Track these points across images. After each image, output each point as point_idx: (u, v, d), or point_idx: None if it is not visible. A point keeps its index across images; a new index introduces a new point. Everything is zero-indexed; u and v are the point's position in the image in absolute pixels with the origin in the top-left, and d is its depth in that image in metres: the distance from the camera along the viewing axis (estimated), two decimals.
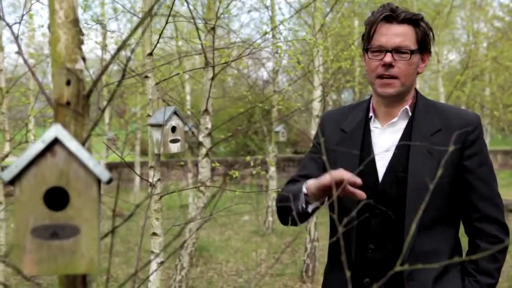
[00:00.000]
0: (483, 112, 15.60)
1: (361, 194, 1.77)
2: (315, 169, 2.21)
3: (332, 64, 6.76)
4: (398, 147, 2.05)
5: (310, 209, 1.98)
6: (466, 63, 11.10)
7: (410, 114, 2.08)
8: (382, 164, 2.06)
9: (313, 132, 6.94)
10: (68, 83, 0.99)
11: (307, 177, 2.17)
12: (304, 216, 2.02)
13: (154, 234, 2.97)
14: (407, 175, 1.99)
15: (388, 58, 1.97)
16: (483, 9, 13.76)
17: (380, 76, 2.01)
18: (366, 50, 2.07)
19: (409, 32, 2.00)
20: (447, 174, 1.98)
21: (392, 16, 1.99)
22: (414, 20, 2.01)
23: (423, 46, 2.05)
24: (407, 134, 2.05)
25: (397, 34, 1.99)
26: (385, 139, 2.09)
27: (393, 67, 1.99)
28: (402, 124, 2.08)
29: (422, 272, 1.97)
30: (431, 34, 2.08)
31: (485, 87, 14.04)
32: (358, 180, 1.76)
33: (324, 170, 2.15)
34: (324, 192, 1.87)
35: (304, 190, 1.96)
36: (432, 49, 2.15)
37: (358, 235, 2.05)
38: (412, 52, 1.99)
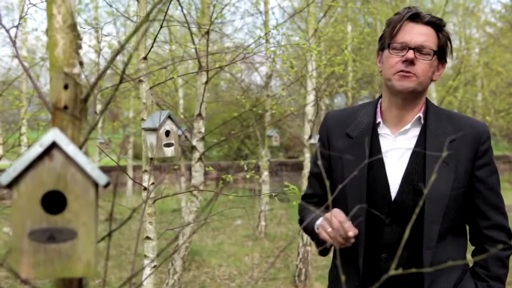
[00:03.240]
0: (475, 117, 15.66)
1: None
2: (319, 188, 2.26)
3: (325, 69, 6.78)
4: (413, 156, 2.03)
5: (328, 245, 2.02)
6: (459, 68, 11.15)
7: (422, 122, 2.06)
8: (394, 173, 2.03)
9: (306, 136, 6.96)
10: (65, 87, 0.99)
11: (315, 196, 2.29)
12: (328, 251, 2.13)
13: (148, 238, 2.96)
14: (425, 184, 1.98)
15: (410, 54, 1.96)
16: (475, 15, 13.86)
17: (400, 72, 1.99)
18: (388, 45, 2.03)
19: (432, 34, 2.00)
20: (462, 185, 2.00)
21: (418, 15, 2.00)
22: (438, 25, 2.01)
23: (442, 53, 2.05)
24: (421, 143, 2.04)
25: (422, 34, 1.99)
26: (397, 146, 2.06)
27: (414, 65, 1.97)
28: (415, 132, 2.07)
29: (441, 282, 2.00)
30: (448, 42, 2.07)
31: (477, 92, 14.12)
32: (352, 233, 1.83)
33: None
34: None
35: (317, 230, 2.03)
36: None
37: (368, 244, 2.04)
38: (435, 52, 1.99)
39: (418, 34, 1.98)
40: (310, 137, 6.83)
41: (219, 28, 8.01)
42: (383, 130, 2.10)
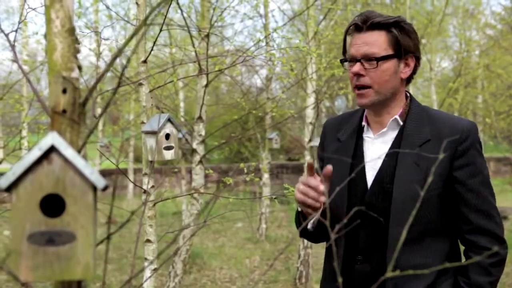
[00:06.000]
0: (475, 119, 15.68)
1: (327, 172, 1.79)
2: None
3: (325, 72, 6.79)
4: (386, 158, 2.00)
5: (309, 226, 2.06)
6: (459, 70, 11.17)
7: (401, 123, 2.02)
8: (371, 175, 2.02)
9: (306, 139, 6.97)
10: (64, 91, 1.00)
11: None
12: (311, 235, 2.14)
13: (148, 241, 2.97)
14: (393, 186, 1.94)
15: (355, 67, 1.95)
16: (475, 17, 13.89)
17: (356, 87, 1.99)
18: (341, 61, 2.07)
19: (378, 38, 1.94)
20: (435, 187, 1.92)
21: (359, 25, 1.96)
22: (383, 25, 1.95)
23: (400, 49, 1.97)
24: (396, 145, 2.00)
25: (365, 42, 1.95)
26: (375, 149, 2.05)
27: (364, 76, 1.95)
28: (392, 134, 2.04)
29: (409, 286, 1.93)
30: (409, 36, 1.99)
31: (478, 94, 14.12)
32: (322, 188, 1.80)
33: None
34: (306, 207, 1.89)
35: (299, 208, 2.04)
36: (425, 57, 2.11)
37: (346, 245, 2.03)
38: (378, 59, 1.93)
39: (362, 44, 1.95)
40: (310, 139, 6.84)
41: (219, 31, 8.01)
42: (366, 134, 2.11)
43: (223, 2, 7.02)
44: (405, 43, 1.98)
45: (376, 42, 1.95)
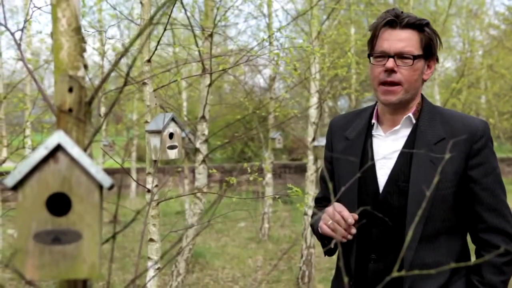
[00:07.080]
0: None
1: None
2: (327, 191, 2.29)
3: (329, 71, 6.78)
4: (400, 156, 2.00)
5: (332, 245, 2.06)
6: (462, 70, 11.15)
7: (414, 121, 2.03)
8: (383, 173, 2.01)
9: (309, 139, 6.96)
10: (70, 90, 1.00)
11: (325, 199, 2.31)
12: (333, 251, 2.17)
13: (151, 240, 2.97)
14: (409, 185, 1.94)
15: (390, 63, 1.93)
16: (479, 17, 13.86)
17: (383, 83, 1.97)
18: (369, 55, 2.03)
19: (412, 37, 1.96)
20: (450, 185, 1.93)
21: (395, 21, 1.96)
22: (418, 25, 1.96)
23: (428, 52, 2.00)
24: (410, 143, 2.00)
25: (400, 39, 1.94)
26: (386, 146, 2.04)
27: (396, 73, 1.94)
28: (405, 132, 2.03)
29: (424, 285, 1.94)
30: (437, 40, 2.03)
31: (481, 94, 14.09)
32: (352, 219, 1.87)
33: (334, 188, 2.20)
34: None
35: (320, 230, 2.03)
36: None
37: (359, 244, 2.03)
38: (415, 57, 1.94)
39: (397, 40, 1.95)
40: (313, 139, 6.83)
41: (222, 31, 8.03)
42: (376, 131, 2.10)
43: (226, 2, 7.04)
44: (431, 46, 2.01)
45: (411, 40, 1.96)
